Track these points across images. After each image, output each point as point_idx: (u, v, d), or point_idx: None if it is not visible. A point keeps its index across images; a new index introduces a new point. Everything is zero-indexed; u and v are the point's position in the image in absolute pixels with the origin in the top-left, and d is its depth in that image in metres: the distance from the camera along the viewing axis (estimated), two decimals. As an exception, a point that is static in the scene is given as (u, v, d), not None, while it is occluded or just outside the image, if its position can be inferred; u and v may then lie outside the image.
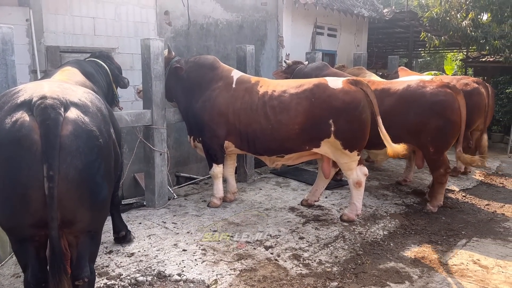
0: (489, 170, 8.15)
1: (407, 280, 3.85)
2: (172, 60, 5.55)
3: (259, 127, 4.97)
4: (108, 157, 2.62)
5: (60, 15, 5.79)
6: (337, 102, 4.72)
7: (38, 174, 2.24)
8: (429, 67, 21.67)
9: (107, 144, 2.61)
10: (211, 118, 5.19)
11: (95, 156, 2.45)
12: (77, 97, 2.61)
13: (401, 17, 11.40)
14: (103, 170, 2.51)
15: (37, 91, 2.48)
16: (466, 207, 5.98)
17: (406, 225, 5.19)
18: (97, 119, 2.60)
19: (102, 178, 2.52)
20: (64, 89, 2.64)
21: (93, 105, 2.69)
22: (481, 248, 4.60)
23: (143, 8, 6.68)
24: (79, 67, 3.97)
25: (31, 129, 2.29)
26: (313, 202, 5.68)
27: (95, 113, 2.62)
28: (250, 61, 6.62)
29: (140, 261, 4.00)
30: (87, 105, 2.61)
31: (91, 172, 2.42)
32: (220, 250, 4.26)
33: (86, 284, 2.57)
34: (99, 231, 2.73)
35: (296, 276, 3.84)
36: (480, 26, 10.54)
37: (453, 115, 5.34)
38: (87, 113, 2.54)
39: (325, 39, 10.56)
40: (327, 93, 4.78)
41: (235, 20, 8.20)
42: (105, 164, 2.55)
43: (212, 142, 5.31)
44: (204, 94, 5.28)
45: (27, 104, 2.39)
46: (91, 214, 2.51)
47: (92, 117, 2.56)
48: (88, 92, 2.86)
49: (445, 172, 5.57)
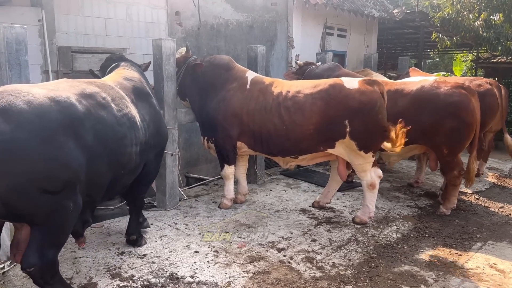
0: (501, 173, 8.05)
1: (423, 284, 3.79)
2: (189, 59, 5.52)
3: (273, 128, 4.94)
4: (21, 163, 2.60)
5: (72, 15, 5.79)
6: (353, 103, 4.69)
7: None
8: (437, 68, 21.54)
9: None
10: (225, 118, 5.17)
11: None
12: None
13: (412, 17, 11.32)
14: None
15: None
16: (480, 210, 5.90)
17: (419, 228, 5.12)
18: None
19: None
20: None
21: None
22: (497, 251, 4.53)
23: (154, 9, 6.67)
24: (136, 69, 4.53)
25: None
26: (325, 204, 5.63)
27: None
28: (261, 61, 6.58)
29: (153, 263, 3.97)
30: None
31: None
32: (232, 252, 4.23)
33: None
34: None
35: (309, 279, 3.80)
36: (492, 26, 10.42)
37: (467, 116, 5.27)
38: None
39: (335, 39, 10.50)
40: (343, 94, 4.74)
41: (245, 21, 8.17)
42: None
43: (225, 142, 5.28)
44: (219, 94, 5.26)
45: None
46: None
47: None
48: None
49: (458, 174, 5.49)
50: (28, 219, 2.81)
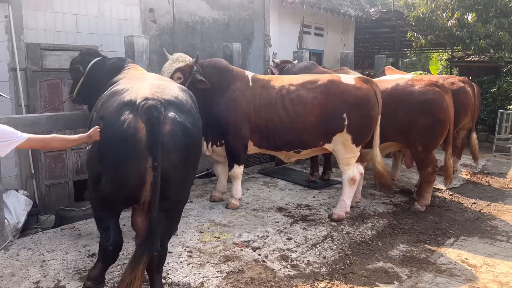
0: (475, 169, 8.19)
1: (396, 280, 3.80)
2: (193, 70, 5.06)
3: (278, 120, 5.08)
4: (198, 150, 3.14)
5: (40, 11, 5.62)
6: (350, 97, 4.93)
7: (141, 166, 2.71)
8: (414, 67, 21.84)
9: (198, 138, 3.12)
10: (236, 118, 5.14)
11: (188, 152, 2.91)
12: (174, 96, 3.00)
13: (388, 16, 11.43)
14: (192, 163, 3.05)
15: (142, 92, 2.89)
16: (454, 206, 5.98)
17: (394, 225, 5.16)
18: (190, 116, 2.99)
19: (192, 170, 3.10)
20: (163, 89, 3.03)
21: (187, 103, 3.10)
22: (469, 247, 4.59)
23: (128, 5, 6.55)
24: None
25: (137, 129, 2.72)
26: (354, 203, 5.63)
27: (189, 111, 3.03)
28: (237, 59, 6.54)
29: (124, 264, 3.88)
30: (182, 103, 3.01)
31: (185, 166, 2.93)
32: (206, 252, 4.17)
33: (157, 257, 3.05)
34: (180, 213, 3.31)
35: (284, 277, 3.77)
36: (465, 26, 10.62)
37: (441, 113, 5.33)
38: (182, 112, 2.94)
39: (312, 38, 10.52)
40: (341, 89, 4.97)
41: (221, 18, 8.10)
42: (194, 157, 3.06)
43: (236, 142, 5.26)
44: (225, 95, 5.19)
45: (131, 104, 2.82)
46: (176, 200, 3.05)
47: (187, 114, 2.96)
48: (183, 89, 3.31)
49: (433, 171, 5.56)
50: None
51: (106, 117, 2.88)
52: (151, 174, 2.67)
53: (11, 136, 2.49)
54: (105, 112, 2.94)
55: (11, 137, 2.49)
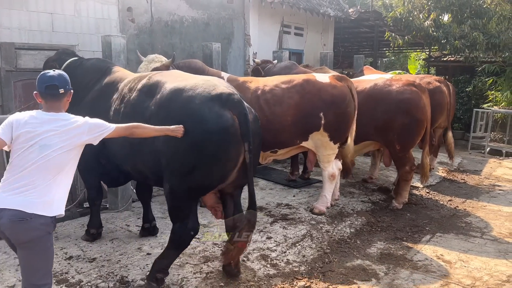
0: (451, 167, 8.37)
1: (374, 278, 3.86)
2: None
3: None
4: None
5: (14, 10, 5.50)
6: (326, 96, 4.97)
7: (240, 151, 3.22)
8: (393, 66, 22.14)
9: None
10: None
11: (261, 134, 3.62)
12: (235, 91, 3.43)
13: (366, 16, 11.57)
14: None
15: (217, 87, 3.29)
16: (430, 203, 6.10)
17: (372, 222, 5.23)
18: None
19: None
20: (228, 84, 3.55)
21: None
22: (445, 243, 4.69)
23: (105, 4, 6.46)
24: None
25: (233, 120, 3.18)
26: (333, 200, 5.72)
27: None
28: (216, 59, 6.52)
29: (102, 267, 3.84)
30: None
31: (260, 146, 3.69)
32: (185, 253, 4.14)
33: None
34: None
35: (263, 277, 3.79)
36: (441, 26, 10.83)
37: (418, 113, 5.44)
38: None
39: (292, 38, 10.57)
40: (317, 87, 5.00)
41: (201, 18, 8.07)
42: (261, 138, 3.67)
43: None
44: None
45: (218, 99, 3.20)
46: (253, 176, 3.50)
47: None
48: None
49: (410, 170, 5.66)
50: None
51: (195, 114, 3.15)
52: (248, 156, 3.20)
53: (103, 128, 2.76)
54: (189, 110, 3.18)
55: (103, 128, 2.75)
